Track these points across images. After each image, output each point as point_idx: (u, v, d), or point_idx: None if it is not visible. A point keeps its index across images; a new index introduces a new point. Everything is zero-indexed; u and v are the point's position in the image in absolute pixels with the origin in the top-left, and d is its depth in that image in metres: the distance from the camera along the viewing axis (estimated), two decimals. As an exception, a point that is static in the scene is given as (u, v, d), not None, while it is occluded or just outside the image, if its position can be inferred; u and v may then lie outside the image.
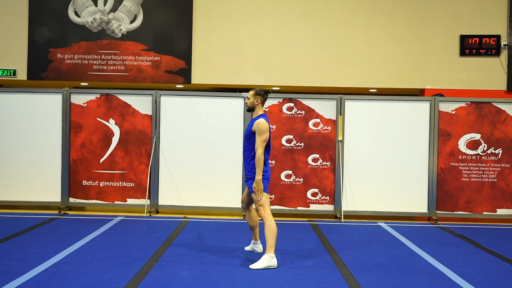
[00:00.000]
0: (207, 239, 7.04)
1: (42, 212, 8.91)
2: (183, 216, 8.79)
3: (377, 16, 10.86)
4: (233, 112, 9.01)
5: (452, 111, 8.99)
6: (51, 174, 9.09)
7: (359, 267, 5.75)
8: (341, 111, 8.97)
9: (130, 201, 9.07)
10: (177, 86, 11.26)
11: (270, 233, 5.60)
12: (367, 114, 9.01)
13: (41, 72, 10.96)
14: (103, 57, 10.92)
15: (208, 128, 9.04)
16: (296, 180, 9.01)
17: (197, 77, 10.95)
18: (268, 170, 5.83)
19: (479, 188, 8.94)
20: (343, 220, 8.67)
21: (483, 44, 10.63)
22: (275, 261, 5.61)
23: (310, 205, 9.00)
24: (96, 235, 7.09)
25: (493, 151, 8.94)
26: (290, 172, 9.01)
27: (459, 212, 8.95)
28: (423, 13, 10.81)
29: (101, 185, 9.08)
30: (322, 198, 8.99)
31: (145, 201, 8.95)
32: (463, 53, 10.71)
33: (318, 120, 9.02)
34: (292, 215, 9.06)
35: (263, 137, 5.64)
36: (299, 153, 9.00)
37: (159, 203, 9.05)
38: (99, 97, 9.13)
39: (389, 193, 8.95)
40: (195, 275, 5.28)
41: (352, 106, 9.01)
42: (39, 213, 8.72)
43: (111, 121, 9.10)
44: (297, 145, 9.02)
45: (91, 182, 9.09)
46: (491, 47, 10.62)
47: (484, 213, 8.94)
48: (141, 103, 9.09)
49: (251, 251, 6.34)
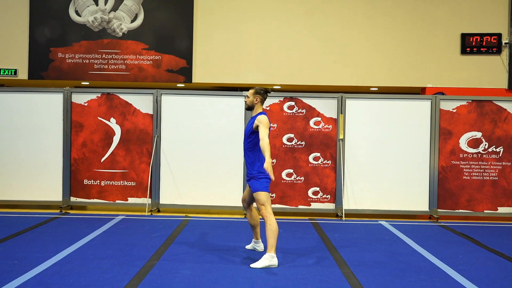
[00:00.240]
0: (208, 238, 7.04)
1: (43, 211, 8.93)
2: (184, 215, 8.80)
3: (378, 14, 10.84)
4: (234, 111, 9.01)
5: (453, 109, 8.98)
6: (52, 173, 9.11)
7: (360, 265, 5.76)
8: (342, 109, 8.96)
9: (131, 200, 9.08)
10: (178, 85, 11.25)
11: (271, 233, 5.61)
12: (368, 112, 9.01)
13: (42, 71, 10.97)
14: (104, 56, 10.92)
15: (209, 127, 9.05)
16: (297, 178, 9.01)
17: (198, 76, 10.94)
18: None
19: (480, 186, 8.93)
20: (344, 218, 8.68)
21: (484, 42, 10.61)
22: (276, 261, 5.61)
23: (311, 203, 9.00)
24: (97, 234, 7.10)
25: (494, 149, 8.94)
26: (291, 170, 9.01)
27: (460, 210, 8.94)
28: (424, 12, 10.79)
29: (102, 184, 9.09)
30: (323, 196, 8.99)
31: (146, 200, 8.96)
32: (464, 52, 10.69)
33: (319, 118, 9.02)
34: (293, 214, 9.06)
35: (267, 130, 5.64)
36: (300, 151, 9.00)
37: (160, 202, 9.06)
38: (100, 96, 9.14)
39: (390, 191, 8.95)
40: (196, 274, 5.29)
41: (353, 104, 9.01)
42: (41, 213, 8.74)
43: (112, 120, 9.11)
44: (298, 143, 9.02)
45: (92, 181, 9.10)
46: (492, 45, 10.60)
47: (485, 211, 8.94)
48: (142, 102, 9.09)
49: (252, 250, 6.34)
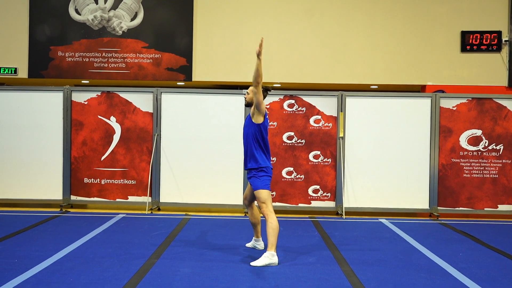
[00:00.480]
0: (208, 236, 7.04)
1: (43, 210, 8.93)
2: (184, 213, 8.81)
3: (377, 12, 10.83)
4: (234, 109, 9.01)
5: (453, 107, 8.98)
6: (52, 172, 9.11)
7: (360, 263, 5.76)
8: (342, 107, 8.96)
9: (131, 199, 9.08)
10: (178, 83, 11.25)
11: (271, 231, 5.61)
12: (368, 110, 9.01)
13: (42, 70, 10.96)
14: (104, 54, 10.92)
15: (209, 125, 9.04)
16: (297, 177, 9.01)
17: (198, 75, 10.94)
18: (269, 166, 5.85)
19: (480, 184, 8.93)
20: (344, 216, 8.68)
21: (484, 40, 10.60)
22: (276, 259, 5.61)
23: (311, 201, 9.00)
24: (97, 232, 7.10)
25: (494, 147, 8.93)
26: (291, 169, 9.01)
27: (461, 208, 8.94)
28: (423, 10, 10.78)
29: (103, 182, 9.10)
30: (323, 194, 8.99)
31: (147, 199, 8.96)
32: (464, 49, 10.69)
33: (319, 116, 9.01)
34: (293, 212, 9.07)
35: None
36: (300, 150, 9.00)
37: (161, 201, 9.06)
38: (100, 94, 9.13)
39: (390, 189, 8.95)
40: (196, 272, 5.29)
41: (353, 102, 9.01)
42: (41, 211, 8.74)
43: (112, 118, 9.11)
44: (298, 142, 9.01)
45: (92, 179, 9.10)
46: (492, 43, 10.60)
47: (485, 209, 8.93)
48: (142, 101, 9.09)
49: (252, 248, 6.35)
